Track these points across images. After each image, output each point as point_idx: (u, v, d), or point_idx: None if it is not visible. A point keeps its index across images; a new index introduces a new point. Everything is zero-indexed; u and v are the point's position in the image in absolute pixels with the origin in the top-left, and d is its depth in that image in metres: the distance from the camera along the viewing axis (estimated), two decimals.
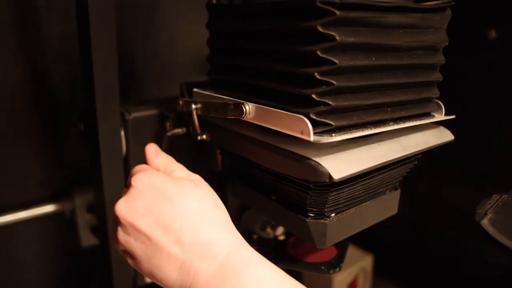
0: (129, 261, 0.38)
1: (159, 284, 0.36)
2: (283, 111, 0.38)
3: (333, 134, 0.37)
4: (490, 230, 0.39)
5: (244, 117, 0.42)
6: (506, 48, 0.70)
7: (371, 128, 0.40)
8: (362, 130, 0.40)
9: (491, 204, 0.44)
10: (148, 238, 0.35)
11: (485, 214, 0.42)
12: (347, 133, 0.38)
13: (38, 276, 0.75)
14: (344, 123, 0.39)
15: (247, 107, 0.42)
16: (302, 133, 0.36)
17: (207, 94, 0.50)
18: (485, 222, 0.40)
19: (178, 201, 0.36)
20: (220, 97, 0.47)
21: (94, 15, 0.48)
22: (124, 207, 0.37)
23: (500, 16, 0.70)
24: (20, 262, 0.73)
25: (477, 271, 0.80)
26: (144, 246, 0.36)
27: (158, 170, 0.42)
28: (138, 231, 0.36)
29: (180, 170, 0.42)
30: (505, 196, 0.46)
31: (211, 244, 0.34)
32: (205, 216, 0.36)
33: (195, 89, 0.52)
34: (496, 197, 0.46)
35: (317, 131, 0.37)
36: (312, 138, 0.35)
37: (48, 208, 0.70)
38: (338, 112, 0.39)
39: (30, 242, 0.73)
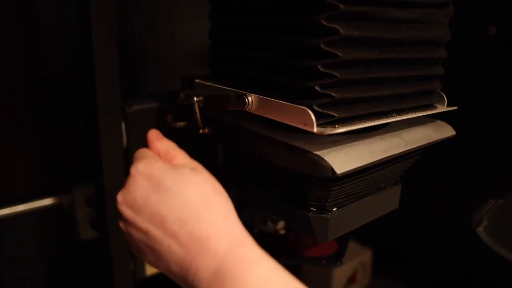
0: (135, 252, 0.37)
1: (167, 275, 0.35)
2: (286, 103, 0.38)
3: (337, 126, 0.37)
4: (485, 238, 0.39)
5: (246, 108, 0.42)
6: (506, 44, 0.70)
7: (374, 120, 0.40)
8: (366, 122, 0.39)
9: (486, 210, 0.44)
10: (146, 231, 0.34)
11: (481, 221, 0.42)
12: (351, 125, 0.38)
13: (37, 269, 0.75)
14: (347, 114, 0.38)
15: (249, 98, 0.42)
16: (305, 124, 0.36)
17: (209, 85, 0.50)
18: (480, 230, 0.40)
19: (176, 190, 0.34)
20: (222, 88, 0.47)
21: (95, 7, 0.47)
22: (122, 199, 0.36)
23: (501, 13, 0.70)
24: (18, 256, 0.72)
25: (477, 267, 0.81)
26: (145, 238, 0.35)
27: (159, 155, 0.41)
28: (137, 224, 0.35)
29: (181, 157, 0.41)
30: (500, 201, 0.46)
31: (210, 238, 0.32)
32: (207, 204, 0.34)
33: (197, 80, 0.52)
34: (492, 202, 0.46)
35: (320, 122, 0.37)
36: (315, 129, 0.35)
37: (47, 202, 0.70)
38: (341, 104, 0.38)
39: (28, 235, 0.72)
